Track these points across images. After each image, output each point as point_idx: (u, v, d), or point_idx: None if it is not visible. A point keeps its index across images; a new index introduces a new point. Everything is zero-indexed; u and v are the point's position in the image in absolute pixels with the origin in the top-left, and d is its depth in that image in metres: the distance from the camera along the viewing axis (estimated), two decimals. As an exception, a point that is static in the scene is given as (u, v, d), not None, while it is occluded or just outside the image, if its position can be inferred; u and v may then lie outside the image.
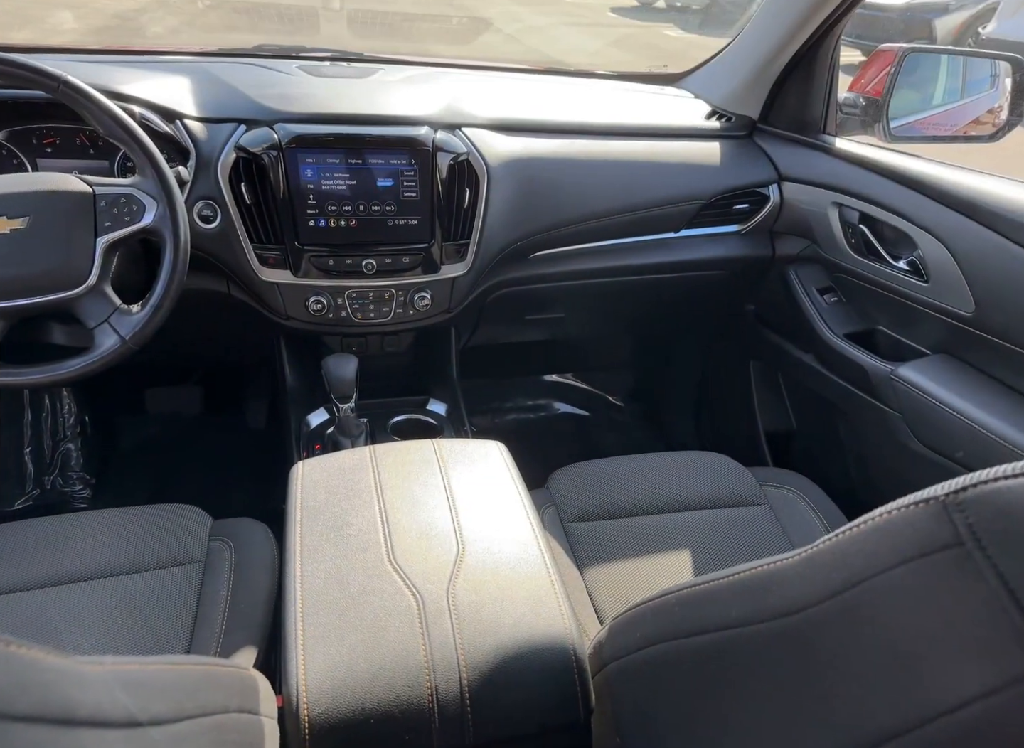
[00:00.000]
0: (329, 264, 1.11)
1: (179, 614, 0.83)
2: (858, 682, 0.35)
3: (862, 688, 0.35)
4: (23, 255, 0.84)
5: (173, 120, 1.05)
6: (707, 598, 0.49)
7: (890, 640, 0.34)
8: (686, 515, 1.03)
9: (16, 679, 0.27)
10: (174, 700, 0.39)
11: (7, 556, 0.86)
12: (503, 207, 1.18)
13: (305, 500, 0.74)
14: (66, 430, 1.60)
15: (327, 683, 0.56)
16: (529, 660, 0.60)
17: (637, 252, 1.36)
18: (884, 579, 0.35)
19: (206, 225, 1.06)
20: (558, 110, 1.31)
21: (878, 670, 0.34)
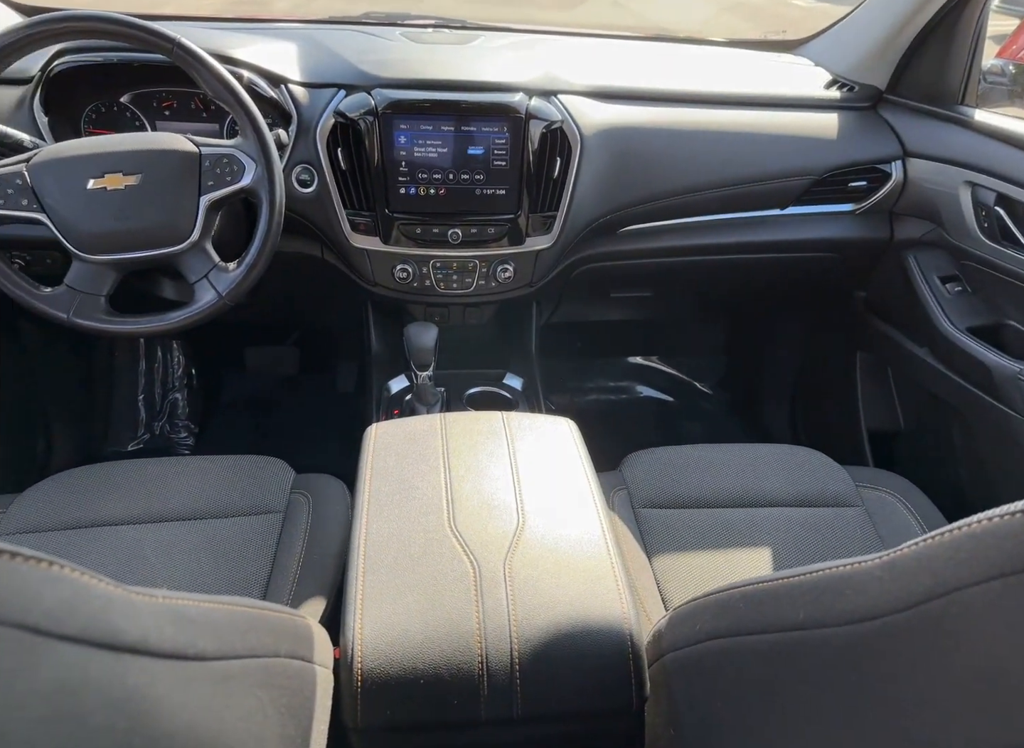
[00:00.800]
0: (416, 232, 1.12)
1: (258, 560, 0.88)
2: (937, 702, 0.32)
3: (942, 709, 0.31)
4: (135, 210, 0.90)
5: (278, 85, 1.08)
6: (773, 596, 0.46)
7: (978, 660, 0.30)
8: (770, 511, 0.98)
9: (65, 601, 0.29)
10: (223, 639, 0.40)
11: (116, 492, 0.93)
12: (594, 178, 1.14)
13: (376, 461, 0.75)
14: (175, 381, 1.72)
15: (381, 639, 0.57)
16: (583, 640, 0.59)
17: (737, 229, 1.29)
18: (976, 592, 0.31)
19: (303, 189, 1.09)
20: (661, 78, 1.25)
21: (962, 692, 0.31)
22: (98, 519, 0.89)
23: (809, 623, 0.41)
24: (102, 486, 0.93)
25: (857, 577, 0.39)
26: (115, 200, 0.89)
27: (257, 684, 0.43)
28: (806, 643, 0.41)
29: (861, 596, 0.38)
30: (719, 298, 1.61)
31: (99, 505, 0.91)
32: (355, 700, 0.56)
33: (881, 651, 0.35)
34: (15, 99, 1.04)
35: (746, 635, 0.47)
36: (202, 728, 0.34)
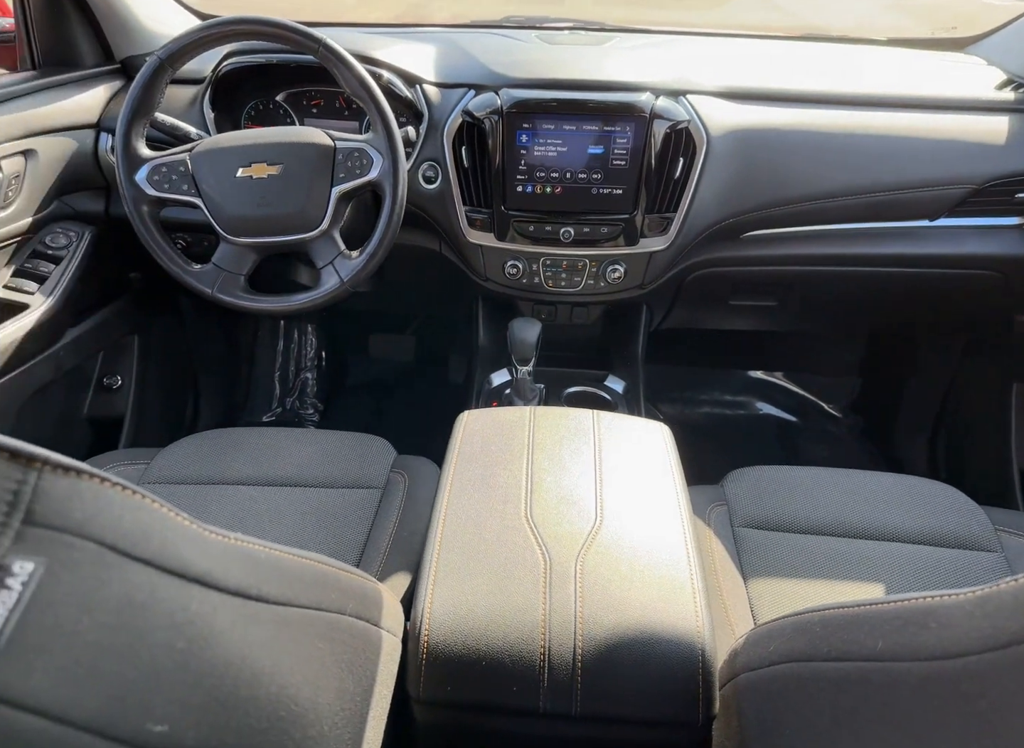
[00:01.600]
0: (529, 230, 1.14)
1: (355, 531, 0.93)
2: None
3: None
4: (276, 197, 0.98)
5: (414, 85, 1.14)
6: (853, 623, 0.43)
7: None
8: (886, 546, 0.89)
9: (142, 526, 0.32)
10: (288, 586, 0.43)
11: (240, 454, 1.02)
12: (718, 181, 1.10)
13: (463, 447, 0.77)
14: (307, 361, 1.86)
15: (449, 614, 0.59)
16: (650, 646, 0.57)
17: (878, 240, 1.19)
18: None
19: (428, 185, 1.14)
20: (805, 78, 1.18)
21: None
22: (222, 477, 0.99)
23: (887, 654, 0.38)
24: (230, 448, 1.03)
25: (944, 610, 0.35)
26: (259, 188, 0.98)
27: (318, 635, 0.45)
28: (884, 675, 0.37)
29: (946, 630, 0.34)
30: (854, 313, 1.48)
31: (226, 465, 1.00)
32: (419, 671, 0.58)
33: (965, 693, 0.32)
34: (189, 97, 1.17)
35: (820, 661, 0.44)
36: (258, 663, 0.37)
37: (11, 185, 1.06)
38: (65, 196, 1.18)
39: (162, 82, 0.97)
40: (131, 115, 0.96)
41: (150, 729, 0.30)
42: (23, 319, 1.06)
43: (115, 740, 0.28)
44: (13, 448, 0.28)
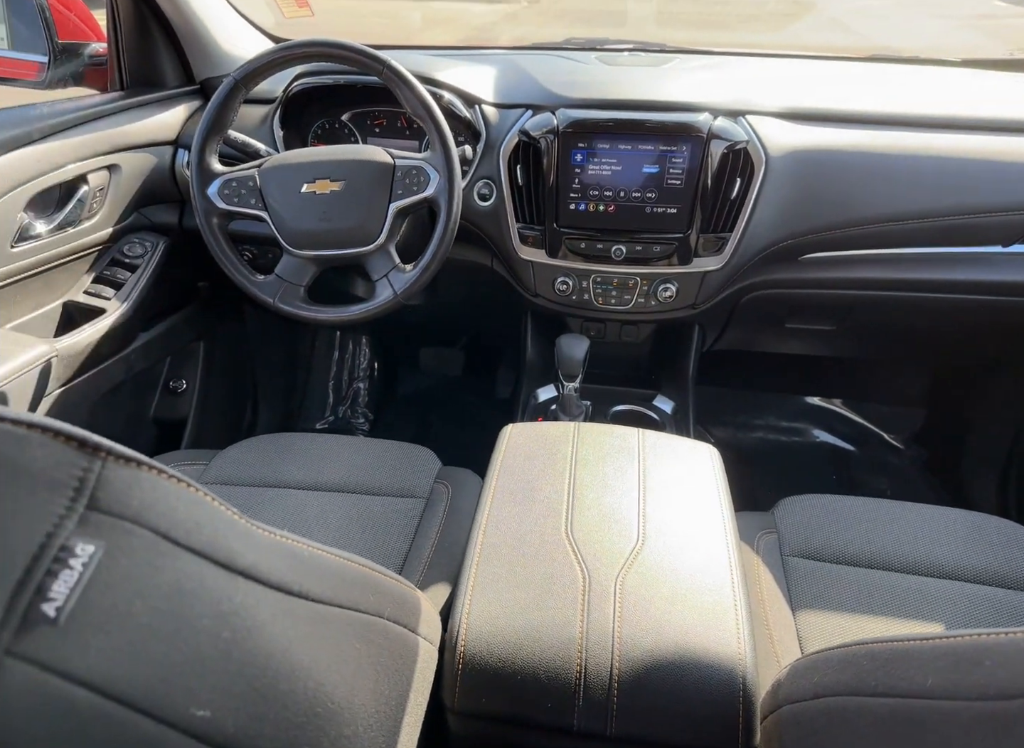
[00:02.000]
0: (581, 247, 1.14)
1: (399, 539, 0.94)
2: None
3: None
4: (337, 212, 1.02)
5: (473, 105, 1.17)
6: (902, 657, 0.41)
7: None
8: (947, 584, 0.85)
9: (195, 518, 0.34)
10: (329, 585, 0.44)
11: (292, 459, 1.05)
12: (777, 201, 1.08)
13: (506, 459, 0.78)
14: (360, 372, 1.91)
15: (486, 627, 0.59)
16: (689, 672, 0.56)
17: (944, 265, 1.14)
18: None
19: (482, 202, 1.17)
20: (871, 99, 1.16)
21: None
22: (275, 481, 1.02)
23: (937, 692, 0.36)
24: (283, 453, 1.06)
25: (999, 648, 0.34)
26: (321, 203, 1.02)
27: (355, 636, 0.46)
28: (933, 714, 0.36)
29: (1003, 670, 0.33)
30: (920, 340, 1.43)
31: (279, 469, 1.03)
32: (455, 681, 0.58)
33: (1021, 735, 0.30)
34: (261, 116, 1.23)
35: (866, 696, 0.42)
36: (296, 658, 0.38)
37: (95, 197, 1.13)
38: (143, 208, 1.25)
39: (236, 101, 1.02)
40: (206, 132, 1.02)
41: (193, 713, 0.31)
42: (100, 323, 1.13)
43: (161, 721, 0.29)
44: (81, 437, 0.30)
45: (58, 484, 0.28)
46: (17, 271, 1.03)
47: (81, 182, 1.10)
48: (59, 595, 0.26)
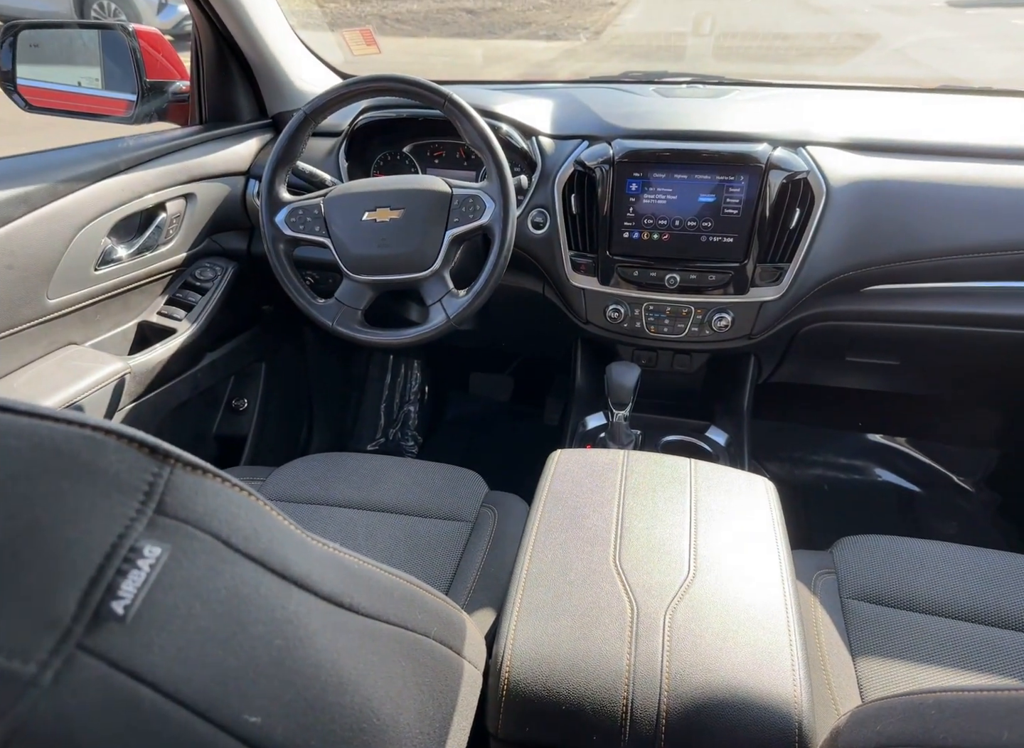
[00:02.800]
0: (634, 275, 1.14)
1: (445, 562, 0.94)
2: None
3: None
4: (395, 239, 1.05)
5: (530, 136, 1.20)
6: (973, 708, 0.38)
7: None
8: (1021, 636, 0.80)
9: (254, 525, 0.35)
10: (378, 600, 0.44)
11: (344, 479, 1.07)
12: (837, 232, 1.06)
13: (554, 485, 0.77)
14: (410, 395, 1.94)
15: (531, 653, 0.58)
16: (742, 713, 0.54)
17: (1016, 300, 1.09)
18: None
19: (536, 231, 1.18)
20: (937, 130, 1.13)
21: None
22: (327, 499, 1.04)
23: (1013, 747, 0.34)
24: (335, 472, 1.08)
25: None
26: (381, 230, 1.05)
27: (402, 654, 0.46)
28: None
29: None
30: (990, 377, 1.36)
31: (330, 487, 1.05)
32: (499, 707, 0.57)
33: None
34: (327, 148, 1.29)
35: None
36: (345, 671, 0.38)
37: (172, 224, 1.20)
38: (215, 234, 1.32)
39: (305, 134, 1.07)
40: (276, 163, 1.07)
41: (246, 719, 0.31)
42: (171, 342, 1.19)
43: (214, 724, 0.30)
44: (152, 444, 0.31)
45: (130, 487, 0.29)
46: (99, 292, 1.09)
47: (160, 209, 1.17)
48: (128, 594, 0.27)
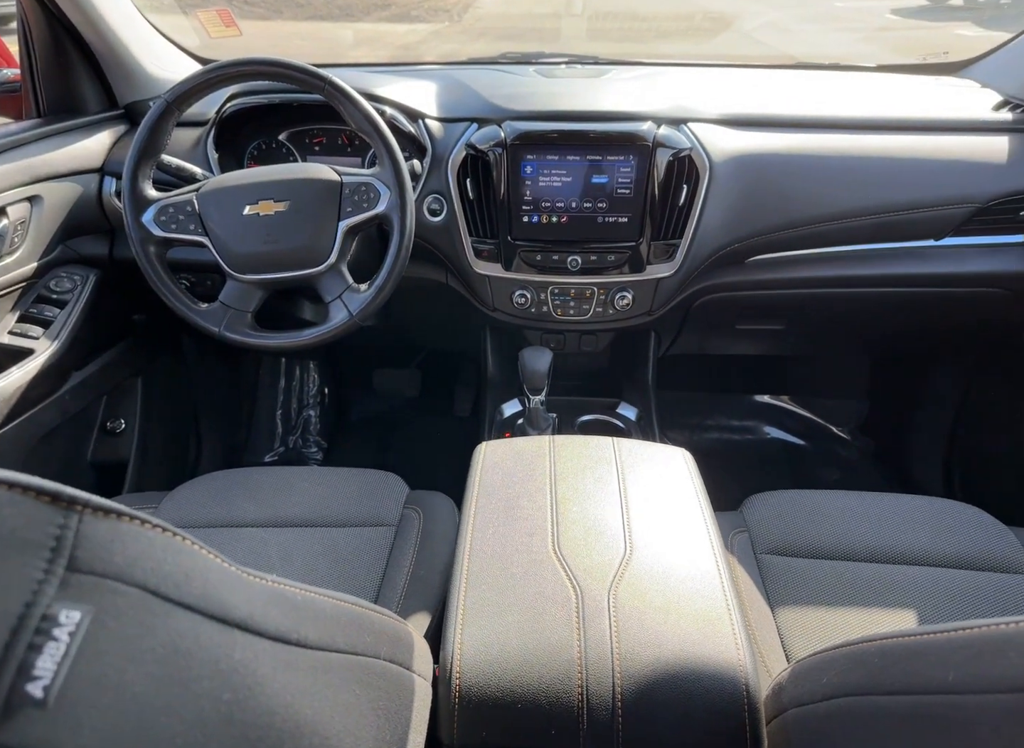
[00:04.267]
0: (536, 259, 1.14)
1: (370, 571, 0.90)
2: None
3: None
4: (283, 234, 0.98)
5: (416, 120, 1.16)
6: (917, 652, 0.41)
7: None
8: (916, 570, 0.87)
9: (184, 569, 0.30)
10: (325, 630, 0.41)
11: (249, 496, 1.00)
12: (722, 206, 1.11)
13: (483, 479, 0.75)
14: (309, 398, 1.84)
15: (480, 656, 0.56)
16: (693, 684, 0.55)
17: (883, 261, 1.19)
18: None
19: (433, 218, 1.15)
20: (801, 104, 1.20)
21: None
22: (232, 520, 0.96)
23: (961, 686, 0.36)
24: (237, 490, 1.00)
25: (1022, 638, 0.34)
26: (266, 224, 0.98)
27: (356, 681, 0.43)
28: (956, 709, 0.35)
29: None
30: (863, 334, 1.49)
31: (233, 507, 0.97)
32: (452, 716, 0.55)
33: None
34: (193, 139, 1.18)
35: (882, 695, 0.42)
36: (300, 713, 0.35)
37: (16, 231, 1.06)
38: (69, 240, 1.18)
39: (169, 124, 0.98)
40: (138, 157, 0.97)
41: None
42: (28, 364, 1.05)
43: None
44: (54, 491, 0.26)
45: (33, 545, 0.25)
46: None
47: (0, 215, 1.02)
48: (45, 672, 0.23)
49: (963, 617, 0.81)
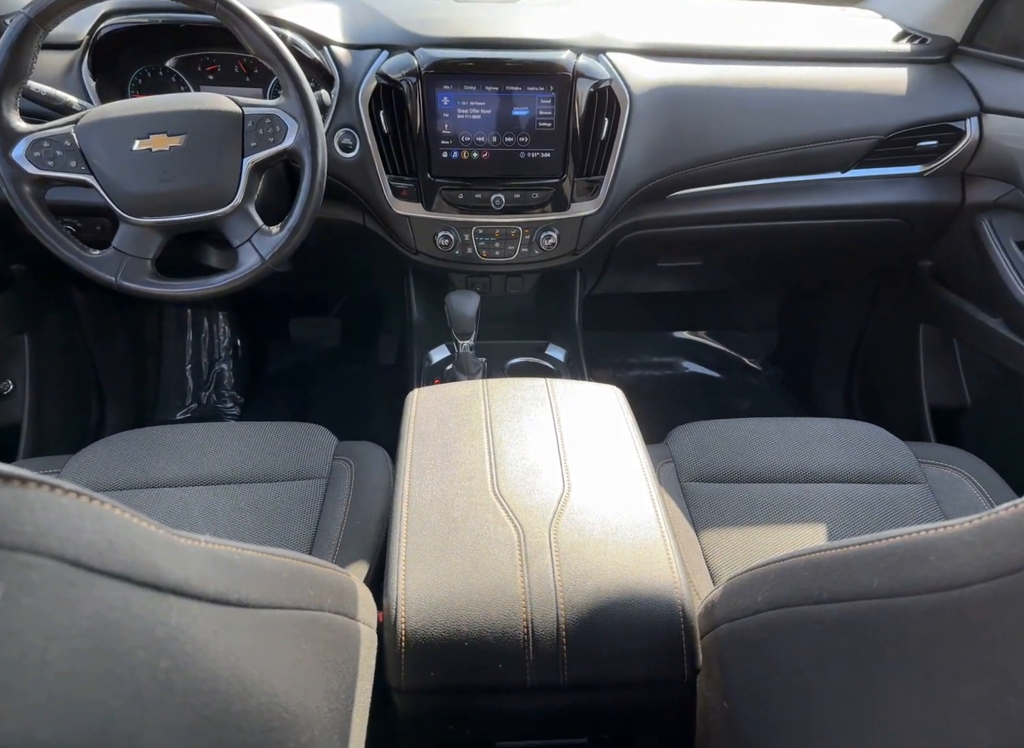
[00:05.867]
0: (459, 198, 1.10)
1: (302, 524, 0.88)
2: None
3: None
4: (180, 172, 0.90)
5: (321, 46, 1.07)
6: (844, 563, 0.43)
7: None
8: (825, 487, 0.94)
9: (106, 536, 0.28)
10: (267, 587, 0.39)
11: (164, 455, 0.94)
12: (644, 140, 1.10)
13: (417, 426, 0.74)
14: (220, 351, 1.75)
15: (425, 599, 0.56)
16: (631, 608, 0.57)
17: (794, 194, 1.23)
18: None
19: (345, 154, 1.08)
20: (714, 34, 1.20)
21: None
22: (147, 481, 0.91)
23: (884, 591, 0.38)
24: (151, 449, 0.95)
25: (942, 542, 0.36)
26: (160, 161, 0.89)
27: (302, 636, 0.42)
28: (881, 613, 0.38)
29: (947, 562, 0.35)
30: (774, 267, 1.54)
31: (148, 467, 0.92)
32: (399, 661, 0.55)
33: (972, 621, 0.32)
34: (64, 63, 1.05)
35: (811, 604, 0.44)
36: (246, 674, 0.34)
37: None
38: None
39: (33, 45, 0.85)
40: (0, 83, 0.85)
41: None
42: None
43: None
44: None
45: None
46: None
47: None
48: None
49: (870, 528, 0.88)
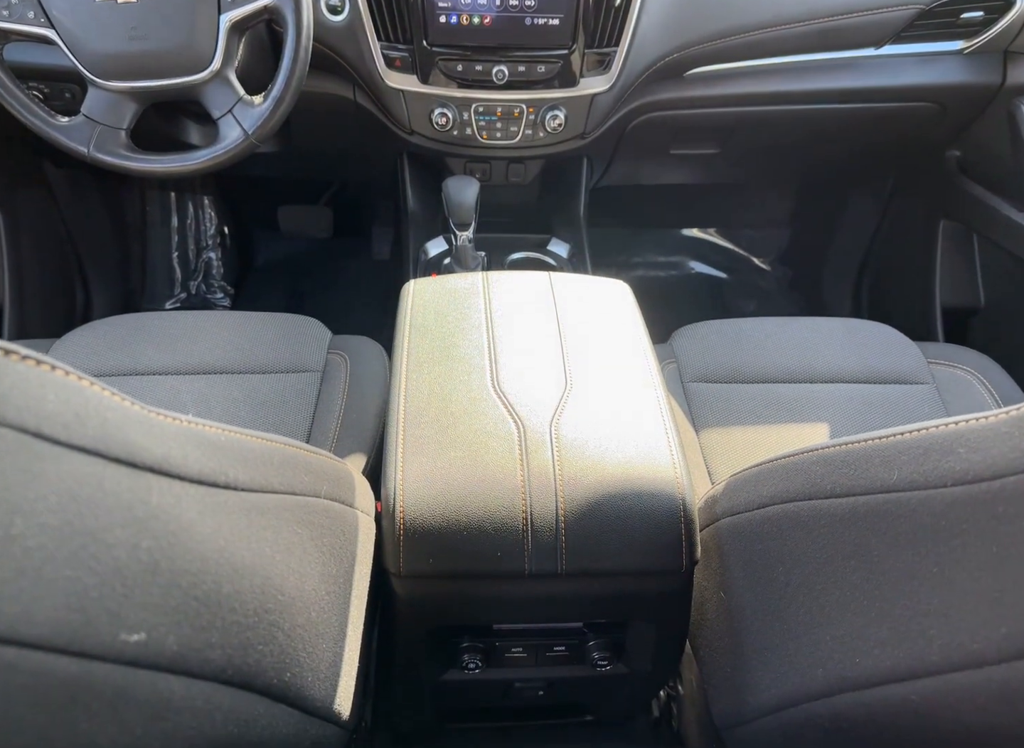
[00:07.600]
0: (457, 70, 1.01)
1: (298, 416, 0.87)
2: None
3: None
4: (151, 28, 0.81)
5: None
6: (861, 457, 0.42)
7: None
8: (830, 387, 0.92)
9: (73, 408, 0.25)
10: (257, 471, 0.38)
11: (155, 341, 0.91)
12: (661, 9, 1.00)
13: (415, 318, 0.71)
14: (207, 239, 1.68)
15: (424, 489, 0.56)
16: (631, 500, 0.56)
17: (821, 74, 1.13)
18: None
19: (333, 16, 0.98)
20: None
21: None
22: (136, 367, 0.89)
23: (903, 485, 0.37)
24: (141, 335, 0.92)
25: (972, 434, 0.34)
26: (127, 15, 0.80)
27: (296, 521, 0.41)
28: (899, 506, 0.37)
29: (978, 454, 0.33)
30: (790, 159, 1.46)
31: (137, 354, 0.89)
32: (397, 547, 0.55)
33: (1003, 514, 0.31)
34: None
35: (822, 498, 0.43)
36: (237, 556, 0.32)
37: None
38: None
39: None
40: None
41: (125, 639, 0.26)
42: None
43: (81, 655, 0.24)
44: None
45: None
46: None
47: None
48: None
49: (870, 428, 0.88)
